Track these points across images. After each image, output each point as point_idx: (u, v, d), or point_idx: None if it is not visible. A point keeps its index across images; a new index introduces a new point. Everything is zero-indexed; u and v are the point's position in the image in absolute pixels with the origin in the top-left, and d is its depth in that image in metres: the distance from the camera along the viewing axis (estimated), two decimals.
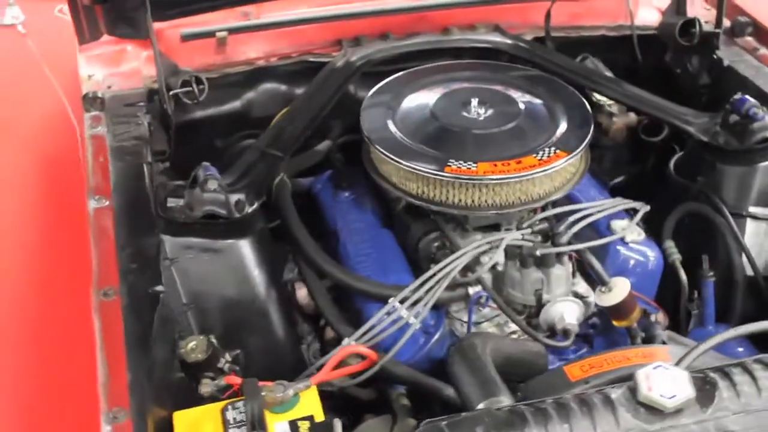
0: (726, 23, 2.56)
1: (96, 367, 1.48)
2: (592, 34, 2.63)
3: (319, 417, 1.55)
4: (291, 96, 2.42)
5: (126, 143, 2.06)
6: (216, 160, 2.15)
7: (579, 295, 2.00)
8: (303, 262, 2.03)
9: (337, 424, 1.49)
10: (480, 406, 1.49)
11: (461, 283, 1.91)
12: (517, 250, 1.90)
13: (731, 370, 1.45)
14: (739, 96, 2.19)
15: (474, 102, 2.09)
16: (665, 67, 2.61)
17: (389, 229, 2.15)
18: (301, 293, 2.11)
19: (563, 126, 2.06)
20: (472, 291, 1.90)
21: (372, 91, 2.23)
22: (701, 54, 2.48)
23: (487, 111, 2.09)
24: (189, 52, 2.40)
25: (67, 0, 2.13)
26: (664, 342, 2.00)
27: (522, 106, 2.12)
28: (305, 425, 1.53)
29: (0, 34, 2.25)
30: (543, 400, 1.41)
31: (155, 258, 1.74)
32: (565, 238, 1.91)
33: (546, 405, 1.39)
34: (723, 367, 1.46)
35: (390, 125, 2.07)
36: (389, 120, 2.09)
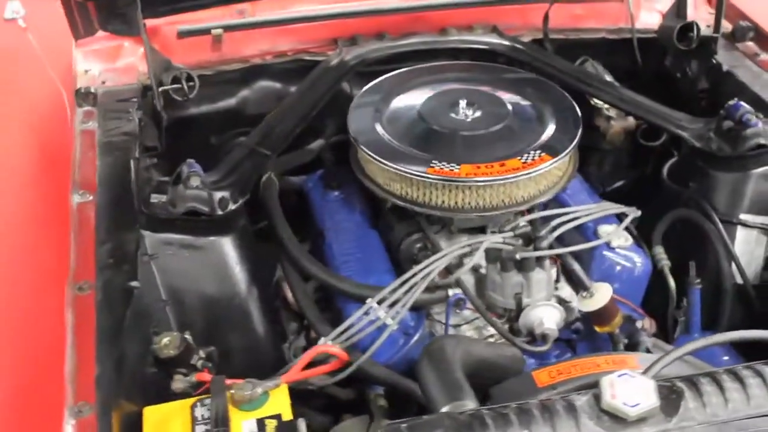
0: (728, 28, 2.53)
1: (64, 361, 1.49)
2: (591, 36, 2.61)
3: (287, 416, 1.55)
4: (286, 94, 2.42)
5: (115, 138, 2.07)
6: (211, 156, 2.17)
7: (563, 300, 1.99)
8: (286, 261, 2.03)
9: (301, 423, 1.49)
10: (444, 409, 1.48)
11: (441, 285, 1.90)
12: (498, 253, 1.89)
13: (699, 379, 1.43)
14: (734, 102, 2.16)
15: (462, 103, 2.08)
16: (665, 71, 2.59)
17: (377, 230, 2.15)
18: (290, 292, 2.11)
19: (551, 129, 2.05)
20: (452, 293, 1.89)
21: (361, 92, 2.23)
22: (700, 58, 2.45)
23: (475, 112, 2.08)
24: (185, 49, 2.41)
25: None
26: (648, 349, 1.99)
27: (510, 108, 2.11)
28: (272, 424, 1.53)
29: (0, 28, 2.26)
30: (506, 405, 1.40)
31: (134, 253, 1.75)
32: (546, 242, 1.90)
33: (508, 410, 1.38)
34: (691, 377, 1.44)
35: (377, 126, 2.07)
36: (376, 120, 2.09)
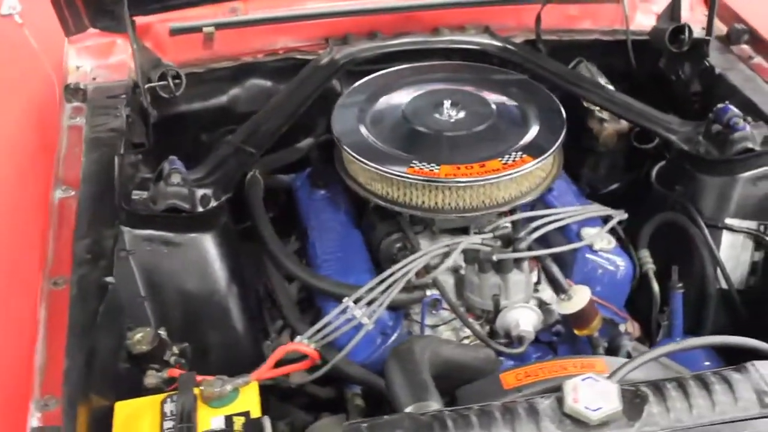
0: (723, 30, 2.51)
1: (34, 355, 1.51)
2: (585, 38, 2.60)
3: (256, 413, 1.56)
4: (277, 92, 2.42)
5: (102, 135, 2.09)
6: (202, 154, 2.18)
7: (543, 302, 1.99)
8: (267, 259, 2.04)
9: (266, 421, 1.49)
10: (408, 409, 1.49)
11: (419, 286, 1.90)
12: (476, 254, 1.89)
13: (665, 385, 1.43)
14: (722, 105, 2.14)
15: (446, 104, 2.08)
16: (660, 73, 2.57)
17: (361, 230, 2.15)
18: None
19: (534, 130, 2.04)
20: (429, 294, 1.89)
21: (347, 91, 2.23)
22: (692, 61, 2.43)
23: (459, 113, 2.08)
24: (178, 46, 2.42)
25: None
26: (629, 353, 1.98)
27: (495, 109, 2.11)
28: (240, 420, 1.54)
29: None
30: (469, 407, 1.40)
31: (111, 249, 1.76)
32: (525, 243, 1.89)
33: (469, 412, 1.38)
34: (657, 382, 1.43)
35: (360, 125, 2.07)
36: (360, 120, 2.09)
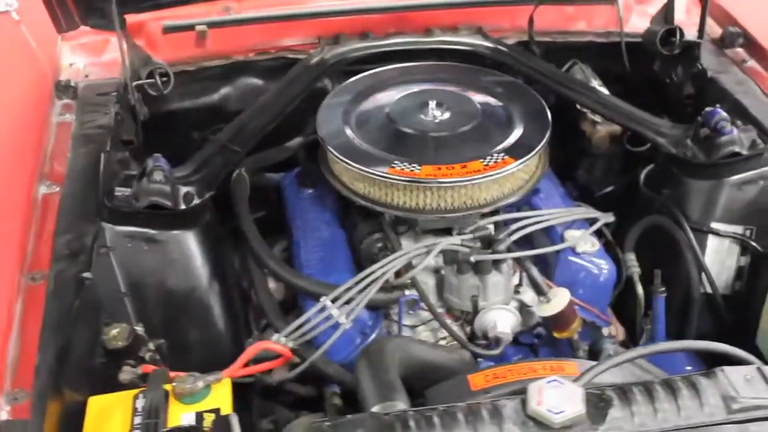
0: (719, 33, 2.50)
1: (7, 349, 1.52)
2: (579, 39, 2.59)
3: (227, 410, 1.57)
4: (268, 91, 2.44)
5: (90, 131, 2.11)
6: (193, 152, 2.19)
7: (524, 304, 1.98)
8: (250, 256, 2.05)
9: (233, 418, 1.50)
10: (374, 408, 1.49)
11: (398, 286, 1.90)
12: (455, 255, 1.88)
13: (631, 389, 1.42)
14: (710, 109, 2.13)
15: (432, 104, 2.08)
16: (654, 76, 2.55)
17: (345, 229, 2.16)
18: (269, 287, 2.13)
19: (518, 132, 2.03)
20: (408, 294, 1.90)
21: (334, 91, 2.24)
22: (684, 64, 2.42)
23: (444, 114, 2.07)
24: (171, 44, 2.43)
25: None
26: (610, 356, 1.97)
27: (480, 110, 2.10)
28: (210, 417, 1.55)
29: None
30: (433, 408, 1.40)
31: (91, 245, 1.78)
32: (503, 245, 1.89)
33: (433, 413, 1.38)
34: (623, 386, 1.43)
35: (344, 125, 2.07)
36: (345, 120, 2.09)
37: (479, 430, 1.35)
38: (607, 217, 2.15)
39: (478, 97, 2.17)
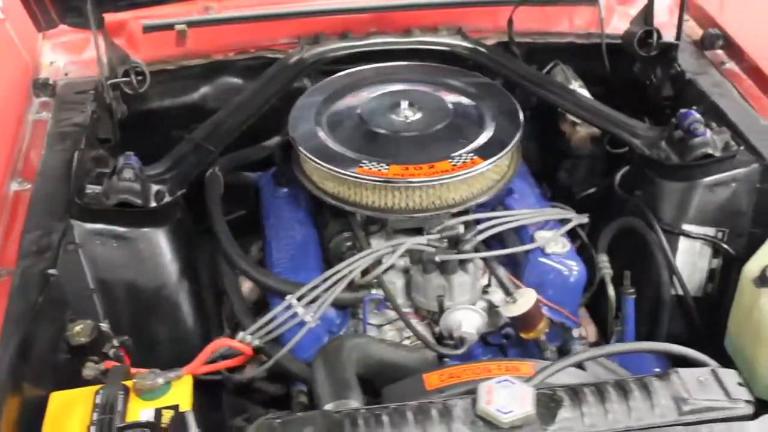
0: (699, 35, 2.49)
1: None
2: (559, 40, 2.59)
3: (186, 407, 1.58)
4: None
5: (65, 129, 2.12)
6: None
7: (493, 304, 1.98)
8: (220, 254, 2.05)
9: (189, 415, 1.50)
10: (328, 406, 1.50)
11: (365, 285, 1.91)
12: (420, 254, 1.89)
13: (583, 390, 1.43)
14: (684, 110, 2.13)
15: (404, 104, 2.08)
16: (635, 78, 2.55)
17: (317, 228, 2.16)
18: (245, 286, 2.14)
19: (489, 133, 2.03)
20: (375, 293, 1.90)
21: (307, 91, 2.25)
22: (663, 65, 2.41)
23: (416, 114, 2.08)
24: (151, 43, 2.46)
25: None
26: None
27: (452, 110, 2.10)
28: (169, 414, 1.56)
29: None
30: (385, 406, 1.42)
31: (59, 242, 1.79)
32: (469, 245, 1.89)
33: (383, 412, 1.39)
34: (575, 387, 1.43)
35: (316, 125, 2.08)
36: (317, 120, 2.10)
37: (428, 429, 1.36)
38: (581, 218, 2.15)
39: (451, 98, 2.17)
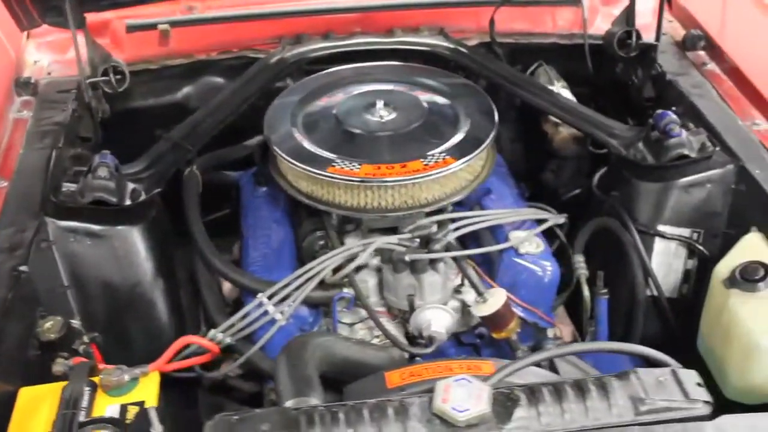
0: (680, 36, 2.49)
1: None
2: (542, 41, 2.59)
3: (151, 403, 1.59)
4: None
5: (45, 128, 2.14)
6: None
7: (466, 304, 1.99)
8: (196, 252, 2.07)
9: (152, 411, 1.52)
10: (288, 403, 1.51)
11: (336, 284, 1.92)
12: (391, 254, 1.90)
13: (541, 389, 1.43)
14: (660, 111, 2.13)
15: (379, 104, 2.09)
16: (618, 78, 2.55)
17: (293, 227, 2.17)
18: (227, 286, 2.15)
19: (462, 133, 2.04)
20: (347, 292, 1.91)
21: (285, 90, 2.26)
22: (643, 66, 2.41)
23: (391, 114, 2.08)
24: (134, 43, 2.47)
25: None
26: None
27: (427, 110, 2.11)
28: (134, 410, 1.57)
29: None
30: (343, 404, 1.42)
31: (31, 240, 1.81)
32: (440, 245, 1.89)
33: (340, 409, 1.40)
34: (533, 386, 1.44)
35: (291, 124, 2.08)
36: (293, 119, 2.10)
37: (383, 427, 1.37)
38: (557, 219, 2.15)
39: (426, 98, 2.17)
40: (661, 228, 2.07)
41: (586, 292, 2.08)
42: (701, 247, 2.05)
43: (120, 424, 1.51)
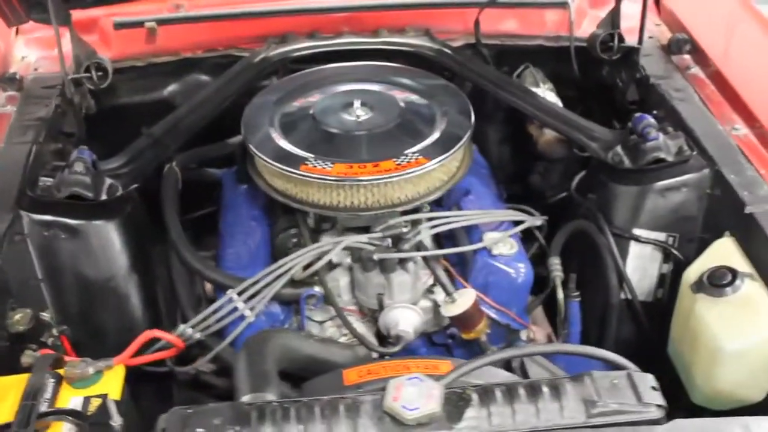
0: (667, 39, 2.48)
1: None
2: (528, 43, 2.58)
3: (115, 396, 1.61)
4: None
5: (28, 123, 2.16)
6: None
7: (438, 304, 1.99)
8: (171, 248, 2.08)
9: (111, 404, 1.54)
10: (245, 398, 1.52)
11: (307, 282, 1.93)
12: (360, 253, 1.90)
13: (493, 389, 1.43)
14: (639, 114, 2.13)
15: (357, 104, 2.09)
16: (604, 81, 2.54)
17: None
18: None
19: (437, 133, 2.04)
20: (318, 289, 1.92)
21: (264, 89, 2.27)
22: (626, 69, 2.41)
23: (368, 113, 2.09)
24: (122, 40, 2.49)
25: None
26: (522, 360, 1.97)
27: (404, 110, 2.11)
28: (97, 402, 1.59)
29: None
30: (296, 400, 1.43)
31: (4, 233, 1.83)
32: (409, 244, 1.90)
33: (292, 406, 1.41)
34: (486, 386, 1.44)
35: (268, 122, 2.09)
36: (270, 117, 2.11)
37: (333, 424, 1.38)
38: (534, 221, 2.15)
39: (404, 98, 2.17)
40: (637, 232, 2.06)
41: (560, 294, 2.08)
42: (676, 252, 2.04)
43: (80, 415, 1.53)
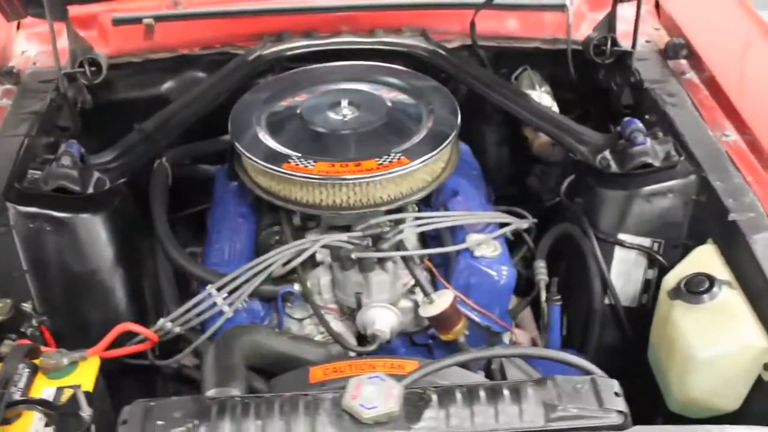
0: (664, 43, 2.46)
1: None
2: (525, 45, 2.57)
3: (87, 387, 1.63)
4: None
5: (22, 116, 2.20)
6: None
7: (418, 304, 1.99)
8: (156, 242, 2.10)
9: (80, 394, 1.55)
10: (210, 392, 1.53)
11: (288, 279, 1.94)
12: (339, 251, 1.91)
13: (454, 391, 1.43)
14: (627, 118, 2.12)
15: (344, 103, 2.10)
16: (600, 85, 2.53)
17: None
18: None
19: (422, 134, 2.04)
20: (297, 287, 1.93)
21: (254, 87, 2.29)
22: (621, 73, 2.39)
23: (355, 113, 2.09)
24: (120, 36, 2.52)
25: None
26: (501, 362, 1.97)
27: (391, 110, 2.11)
28: (69, 392, 1.61)
29: None
30: (257, 396, 1.44)
31: None
32: (388, 244, 1.90)
33: (252, 401, 1.42)
34: (448, 387, 1.44)
35: (255, 120, 2.10)
36: (257, 115, 2.12)
37: (292, 420, 1.38)
38: (520, 223, 2.15)
39: (392, 98, 2.17)
40: (622, 237, 2.05)
41: (542, 298, 2.07)
42: (661, 258, 2.03)
43: (51, 405, 1.55)
